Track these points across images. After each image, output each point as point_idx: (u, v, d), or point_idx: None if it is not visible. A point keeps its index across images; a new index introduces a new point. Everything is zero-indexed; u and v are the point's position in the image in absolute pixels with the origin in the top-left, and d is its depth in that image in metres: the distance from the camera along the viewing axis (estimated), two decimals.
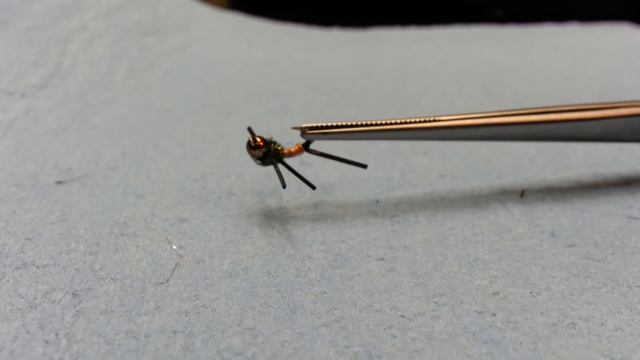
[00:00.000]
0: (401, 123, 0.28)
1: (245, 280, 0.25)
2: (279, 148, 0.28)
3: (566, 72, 0.54)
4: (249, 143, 0.27)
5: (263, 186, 0.32)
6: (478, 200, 0.31)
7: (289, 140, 0.31)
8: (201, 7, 0.67)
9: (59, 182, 0.32)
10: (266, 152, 0.27)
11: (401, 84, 0.50)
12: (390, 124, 0.27)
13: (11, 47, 0.46)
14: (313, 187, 0.27)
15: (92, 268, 0.25)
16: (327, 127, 0.27)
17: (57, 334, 0.21)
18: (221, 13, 0.69)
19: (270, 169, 0.29)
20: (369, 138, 0.28)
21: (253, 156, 0.28)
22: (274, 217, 0.29)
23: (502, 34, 0.67)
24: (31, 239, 0.27)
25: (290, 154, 0.28)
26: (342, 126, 0.27)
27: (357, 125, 0.27)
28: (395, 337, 0.22)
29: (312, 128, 0.27)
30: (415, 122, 0.28)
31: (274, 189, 0.32)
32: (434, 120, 0.28)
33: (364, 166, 0.28)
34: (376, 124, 0.27)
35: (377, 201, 0.31)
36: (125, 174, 0.33)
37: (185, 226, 0.28)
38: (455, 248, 0.27)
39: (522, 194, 0.31)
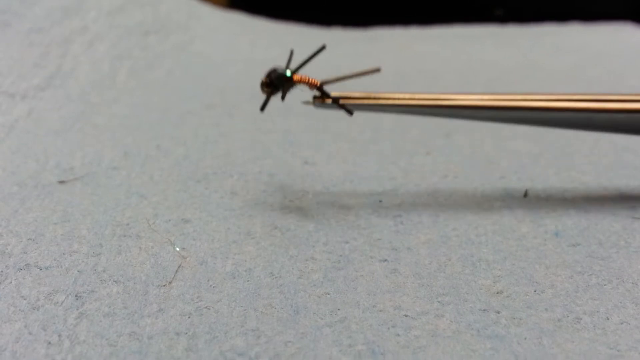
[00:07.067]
0: (412, 99, 0.29)
1: (248, 281, 0.24)
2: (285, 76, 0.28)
3: (568, 72, 0.54)
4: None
5: (266, 186, 0.32)
6: (481, 200, 0.31)
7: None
8: (202, 6, 0.67)
9: (61, 182, 0.32)
10: (275, 86, 0.28)
11: (403, 83, 0.50)
12: (402, 99, 0.29)
13: (12, 49, 0.46)
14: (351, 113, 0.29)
15: (95, 270, 0.25)
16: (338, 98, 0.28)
17: (59, 336, 0.21)
18: (222, 12, 0.69)
19: (274, 166, 0.28)
20: (380, 111, 0.29)
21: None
22: (277, 218, 0.29)
23: (503, 34, 0.67)
24: (34, 240, 0.27)
25: (301, 81, 0.29)
26: (353, 97, 0.29)
27: (368, 98, 0.29)
28: (398, 335, 0.22)
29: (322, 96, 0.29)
30: (426, 99, 0.28)
31: (276, 189, 0.32)
32: (447, 99, 0.28)
33: (378, 70, 0.30)
34: (389, 98, 0.29)
35: (380, 201, 0.31)
36: (127, 174, 0.33)
37: (187, 227, 0.28)
38: (458, 248, 0.27)
39: (526, 194, 0.31)
